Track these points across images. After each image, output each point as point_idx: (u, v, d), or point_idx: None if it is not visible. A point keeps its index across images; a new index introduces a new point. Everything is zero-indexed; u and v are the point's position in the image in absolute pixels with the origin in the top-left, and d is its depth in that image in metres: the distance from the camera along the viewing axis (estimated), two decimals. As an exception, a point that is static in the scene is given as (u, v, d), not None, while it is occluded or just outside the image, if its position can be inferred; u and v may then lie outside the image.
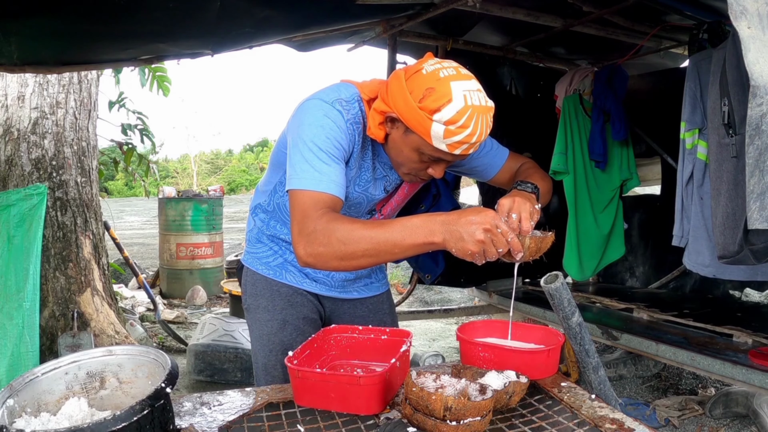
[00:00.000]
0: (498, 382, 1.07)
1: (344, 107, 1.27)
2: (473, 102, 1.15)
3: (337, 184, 1.21)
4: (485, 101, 1.19)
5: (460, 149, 1.18)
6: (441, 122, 1.14)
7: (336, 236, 1.10)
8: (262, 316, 1.53)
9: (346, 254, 1.10)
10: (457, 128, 1.14)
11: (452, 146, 1.17)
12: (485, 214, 1.06)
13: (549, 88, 3.51)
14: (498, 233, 1.05)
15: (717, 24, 2.45)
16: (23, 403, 0.95)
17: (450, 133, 1.15)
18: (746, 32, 1.26)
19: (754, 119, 1.31)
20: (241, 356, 3.36)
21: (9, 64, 2.46)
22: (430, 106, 1.15)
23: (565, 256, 3.23)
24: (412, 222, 1.08)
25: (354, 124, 1.28)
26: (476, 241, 1.03)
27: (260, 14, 2.31)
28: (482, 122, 1.17)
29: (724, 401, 2.76)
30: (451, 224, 1.05)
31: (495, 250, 1.05)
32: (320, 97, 1.28)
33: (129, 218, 17.93)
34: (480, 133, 1.17)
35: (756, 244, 1.70)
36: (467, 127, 1.15)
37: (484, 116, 1.17)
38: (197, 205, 6.17)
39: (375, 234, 1.09)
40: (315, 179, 1.20)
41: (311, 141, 1.22)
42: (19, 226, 2.51)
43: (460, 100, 1.14)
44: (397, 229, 1.08)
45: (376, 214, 1.47)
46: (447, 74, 1.17)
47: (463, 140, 1.16)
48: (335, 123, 1.24)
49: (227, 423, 1.02)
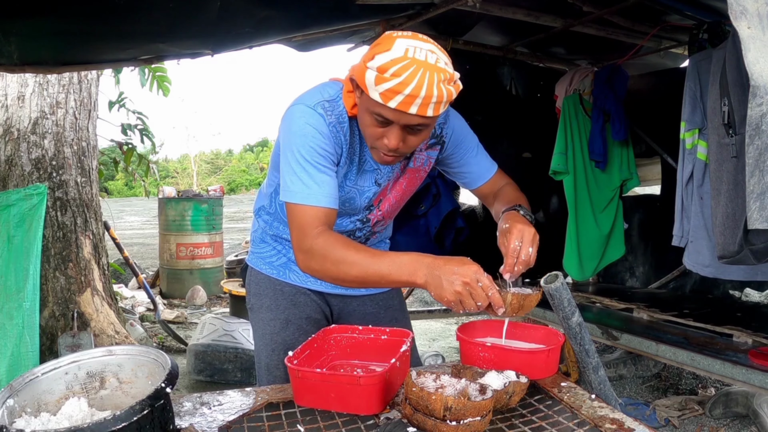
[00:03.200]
0: (498, 382, 1.07)
1: (327, 109, 1.26)
2: (415, 56, 1.10)
3: (326, 195, 1.24)
4: (435, 60, 1.12)
5: (395, 101, 1.11)
6: (374, 69, 1.11)
7: (330, 259, 1.18)
8: (265, 316, 1.53)
9: (338, 277, 1.20)
10: (390, 75, 1.09)
11: (384, 96, 1.11)
12: (468, 267, 1.09)
13: (549, 88, 3.51)
14: (478, 287, 1.08)
15: (717, 24, 2.45)
16: (23, 403, 0.95)
17: (381, 80, 1.11)
18: (746, 32, 1.26)
19: (754, 119, 1.31)
20: (241, 356, 3.36)
21: (9, 64, 2.46)
22: (369, 56, 1.14)
23: (565, 256, 3.24)
24: (401, 259, 1.15)
25: (339, 123, 1.28)
26: (454, 291, 1.08)
27: (260, 14, 2.31)
28: (423, 78, 1.09)
29: (724, 401, 2.76)
30: (435, 269, 1.10)
31: (473, 302, 1.09)
32: (303, 102, 1.27)
33: (129, 218, 17.93)
34: (418, 86, 1.09)
35: (756, 244, 1.70)
36: (399, 76, 1.09)
37: (428, 72, 1.09)
38: (197, 205, 6.17)
39: (366, 263, 1.15)
40: (305, 193, 1.23)
41: (297, 152, 1.24)
42: (19, 226, 2.51)
43: (400, 51, 1.11)
44: (387, 263, 1.15)
45: (374, 209, 1.45)
46: (400, 34, 1.16)
47: (395, 89, 1.09)
48: (317, 130, 1.24)
49: (227, 423, 1.02)
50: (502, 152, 3.64)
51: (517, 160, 3.66)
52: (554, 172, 3.20)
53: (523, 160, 3.69)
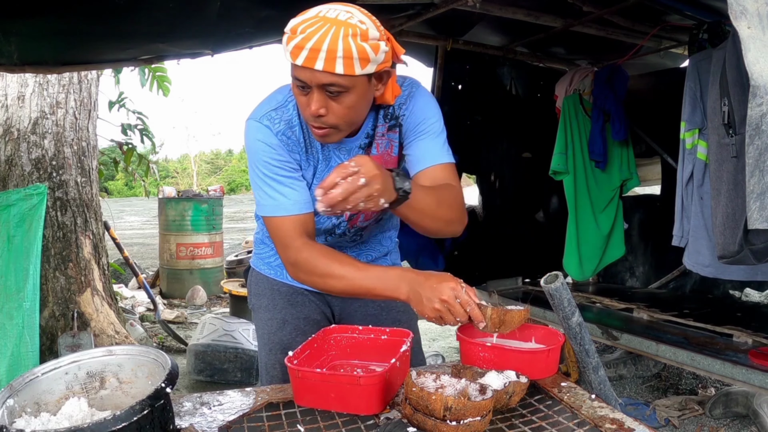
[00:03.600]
0: (498, 382, 1.07)
1: (273, 118, 1.25)
2: (324, 14, 1.09)
3: (295, 202, 1.25)
4: (346, 18, 1.08)
5: (301, 57, 1.08)
6: (287, 32, 1.11)
7: (318, 270, 1.21)
8: (263, 316, 1.53)
9: (326, 286, 1.24)
10: (297, 33, 1.08)
11: (292, 53, 1.09)
12: (446, 284, 1.10)
13: (549, 88, 3.51)
14: (456, 304, 1.09)
15: (717, 24, 2.45)
16: (23, 403, 0.95)
17: (289, 39, 1.10)
18: (746, 32, 1.26)
19: (754, 119, 1.31)
20: (241, 356, 3.36)
21: (9, 64, 2.46)
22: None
23: (565, 256, 3.24)
24: (387, 273, 1.18)
25: (289, 129, 1.26)
26: (432, 308, 1.10)
27: (260, 14, 2.31)
28: (327, 32, 1.06)
29: (724, 401, 2.76)
30: (416, 285, 1.12)
31: (453, 318, 1.10)
32: (252, 117, 1.27)
33: (129, 218, 17.93)
34: (320, 39, 1.06)
35: (756, 244, 1.70)
36: (305, 32, 1.07)
37: (333, 26, 1.07)
38: (197, 205, 6.17)
39: (351, 278, 1.19)
40: (274, 206, 1.25)
41: (256, 167, 1.26)
42: (19, 226, 2.51)
43: (312, 12, 1.10)
44: (372, 278, 1.18)
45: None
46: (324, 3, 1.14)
47: (298, 44, 1.07)
48: (265, 143, 1.24)
49: (227, 423, 1.02)
50: (502, 152, 3.65)
51: (517, 160, 3.66)
52: (554, 172, 3.20)
53: (523, 160, 3.69)
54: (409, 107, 1.32)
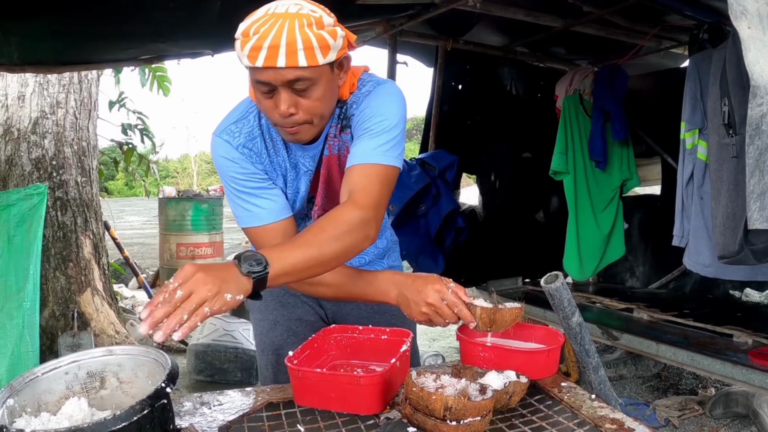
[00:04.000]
0: (498, 382, 1.07)
1: (232, 133, 1.24)
2: (274, 11, 1.06)
3: (269, 210, 1.24)
4: (297, 9, 1.06)
5: (260, 58, 1.04)
6: (239, 37, 1.07)
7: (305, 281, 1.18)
8: (256, 317, 1.53)
9: (317, 295, 1.27)
10: (250, 35, 1.05)
11: (251, 57, 1.05)
12: (431, 286, 1.10)
13: (549, 88, 3.51)
14: (443, 306, 1.10)
15: (717, 24, 2.45)
16: (23, 403, 0.95)
17: (243, 44, 1.06)
18: (746, 32, 1.26)
19: (754, 119, 1.31)
20: (241, 356, 3.36)
21: (9, 64, 2.46)
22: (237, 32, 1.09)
23: (565, 256, 3.24)
24: (376, 278, 1.18)
25: (249, 141, 1.24)
26: (420, 312, 1.11)
27: (260, 14, 2.31)
28: (282, 27, 1.04)
29: (724, 401, 2.76)
30: (404, 288, 1.13)
31: (442, 320, 1.11)
32: (215, 132, 1.26)
33: (129, 218, 17.93)
34: (276, 35, 1.03)
35: (756, 244, 1.71)
36: (258, 32, 1.04)
37: (286, 20, 1.04)
38: (197, 205, 6.17)
39: (340, 284, 1.19)
40: (251, 217, 1.25)
41: (227, 183, 1.25)
42: (19, 226, 2.51)
43: (260, 12, 1.07)
44: (361, 283, 1.19)
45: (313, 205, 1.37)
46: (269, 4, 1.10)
47: (255, 45, 1.04)
48: (227, 158, 1.23)
49: (227, 423, 1.02)
50: (503, 152, 3.65)
51: (517, 160, 3.66)
52: (554, 172, 3.20)
53: (523, 160, 3.69)
54: (360, 106, 1.23)
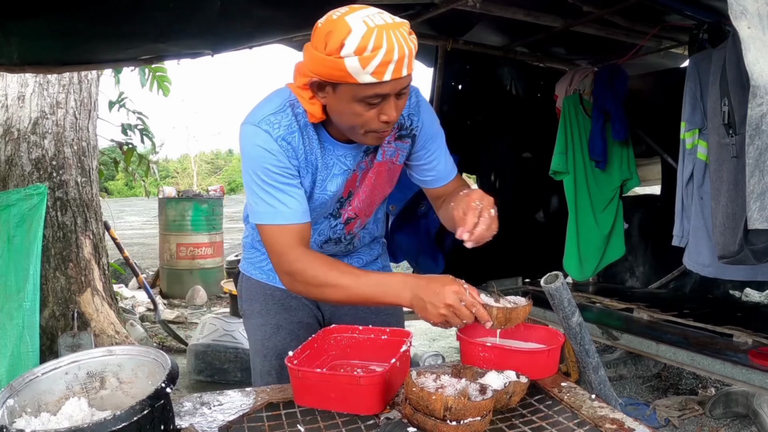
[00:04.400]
0: (498, 382, 1.07)
1: (272, 123, 1.21)
2: (376, 23, 1.06)
3: (294, 211, 1.22)
4: (392, 19, 1.09)
5: (388, 72, 1.07)
6: (351, 55, 1.05)
7: (313, 282, 1.19)
8: (256, 321, 1.51)
9: (323, 295, 1.22)
10: (371, 52, 1.05)
11: (377, 73, 1.07)
12: (449, 287, 1.09)
13: (549, 88, 3.51)
14: (461, 307, 1.09)
15: (717, 24, 2.45)
16: (23, 403, 0.95)
17: (366, 61, 1.05)
18: (746, 32, 1.26)
19: (754, 119, 1.31)
20: (241, 356, 3.36)
21: (9, 64, 2.46)
22: (334, 46, 1.07)
23: (565, 256, 3.24)
24: (387, 280, 1.17)
25: (288, 134, 1.23)
26: (438, 314, 1.09)
27: (260, 14, 2.31)
28: (396, 37, 1.06)
29: (724, 401, 2.76)
30: (419, 291, 1.11)
31: (459, 321, 1.10)
32: (249, 121, 1.24)
33: (129, 218, 17.92)
34: (399, 47, 1.07)
35: (756, 244, 1.71)
36: (380, 47, 1.05)
37: (395, 31, 1.07)
38: (197, 205, 6.17)
39: (350, 285, 1.17)
40: (271, 213, 1.22)
41: (254, 173, 1.22)
42: (19, 226, 2.51)
43: (360, 26, 1.06)
44: (372, 286, 1.17)
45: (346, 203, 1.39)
46: (340, 13, 1.10)
47: (383, 61, 1.06)
48: (265, 149, 1.20)
49: (227, 423, 1.02)
50: (502, 152, 3.65)
51: (517, 160, 3.66)
52: (554, 172, 3.20)
53: (523, 160, 3.69)
54: (421, 119, 1.36)
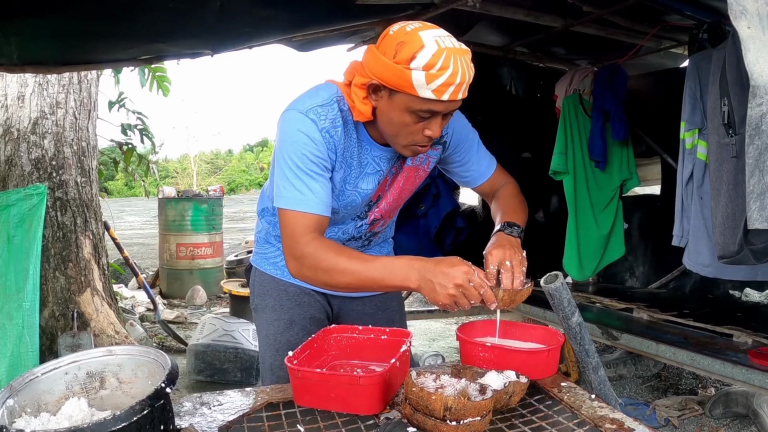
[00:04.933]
0: (498, 382, 1.07)
1: (319, 114, 1.25)
2: (446, 45, 1.13)
3: (319, 202, 1.23)
4: (459, 45, 1.16)
5: (448, 93, 1.14)
6: (420, 69, 1.11)
7: (323, 265, 1.19)
8: (269, 316, 1.53)
9: (330, 282, 1.21)
10: (438, 71, 1.11)
11: (438, 91, 1.13)
12: (458, 268, 1.10)
13: (549, 88, 3.51)
14: (470, 287, 1.10)
15: (717, 24, 2.45)
16: (23, 403, 0.95)
17: (432, 77, 1.12)
18: (746, 32, 1.26)
19: (754, 119, 1.31)
20: (241, 356, 3.36)
21: (9, 64, 2.46)
22: (405, 57, 1.12)
23: (565, 256, 3.23)
24: (394, 263, 1.16)
25: (332, 128, 1.26)
26: (447, 294, 1.10)
27: (260, 14, 2.31)
28: (462, 63, 1.13)
29: (724, 401, 2.76)
30: (427, 273, 1.11)
31: (467, 301, 1.11)
32: (295, 108, 1.26)
33: (129, 218, 17.92)
34: (462, 72, 1.13)
35: (756, 244, 1.70)
36: (447, 68, 1.11)
37: (461, 57, 1.14)
38: (197, 205, 6.17)
39: (358, 269, 1.17)
40: (297, 199, 1.23)
41: (289, 158, 1.23)
42: (19, 226, 2.51)
43: (433, 44, 1.12)
44: (380, 268, 1.16)
45: (375, 206, 1.44)
46: (414, 27, 1.16)
47: (447, 81, 1.12)
48: (309, 136, 1.23)
49: (227, 423, 1.02)
50: (502, 152, 3.62)
51: (517, 160, 3.66)
52: (554, 172, 3.19)
53: (523, 160, 3.69)
54: (451, 126, 1.42)
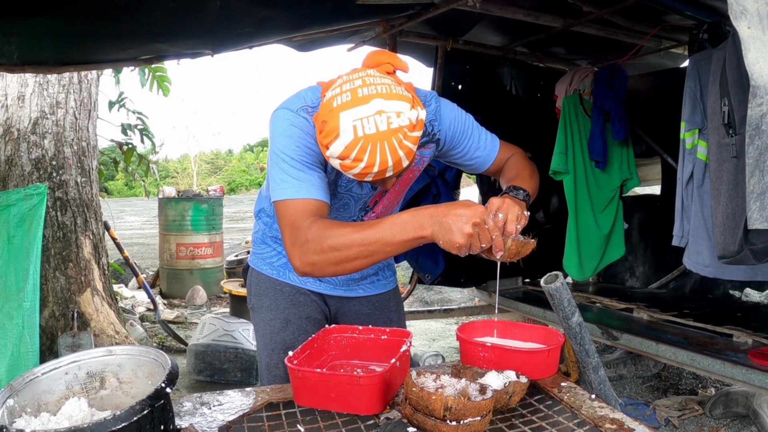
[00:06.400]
0: (498, 382, 1.07)
1: (309, 113, 1.24)
2: (366, 131, 1.07)
3: (317, 188, 1.21)
4: (386, 125, 1.08)
5: (369, 177, 1.13)
6: (335, 157, 1.11)
7: (328, 243, 1.11)
8: (265, 316, 1.54)
9: (340, 259, 1.12)
10: (352, 162, 1.10)
11: (358, 177, 1.13)
12: (475, 208, 1.06)
13: (549, 88, 3.51)
14: (485, 228, 1.07)
15: (717, 24, 2.45)
16: (23, 403, 0.95)
17: (347, 168, 1.11)
18: (746, 32, 1.26)
19: (754, 119, 1.31)
20: (241, 356, 3.36)
21: (9, 64, 2.46)
22: (323, 141, 1.12)
23: (565, 256, 3.23)
24: (401, 218, 1.09)
25: None
26: (465, 234, 1.04)
27: (260, 14, 2.31)
28: (382, 149, 1.08)
29: (724, 401, 2.76)
30: (441, 216, 1.06)
31: (479, 244, 1.07)
32: (286, 107, 1.26)
33: (129, 218, 17.92)
34: (382, 161, 1.09)
35: (756, 244, 1.70)
36: (361, 161, 1.09)
37: (382, 143, 1.08)
38: (197, 205, 6.17)
39: (366, 236, 1.09)
40: (295, 187, 1.20)
41: (283, 152, 1.21)
42: (19, 226, 2.51)
43: (349, 132, 1.08)
44: (387, 227, 1.08)
45: (370, 211, 1.45)
46: (340, 102, 1.10)
47: (362, 172, 1.11)
48: (302, 130, 1.22)
49: (227, 423, 1.02)
50: (502, 152, 3.65)
51: (517, 160, 3.65)
52: (554, 172, 3.19)
53: (523, 160, 3.69)
54: (441, 123, 1.39)
